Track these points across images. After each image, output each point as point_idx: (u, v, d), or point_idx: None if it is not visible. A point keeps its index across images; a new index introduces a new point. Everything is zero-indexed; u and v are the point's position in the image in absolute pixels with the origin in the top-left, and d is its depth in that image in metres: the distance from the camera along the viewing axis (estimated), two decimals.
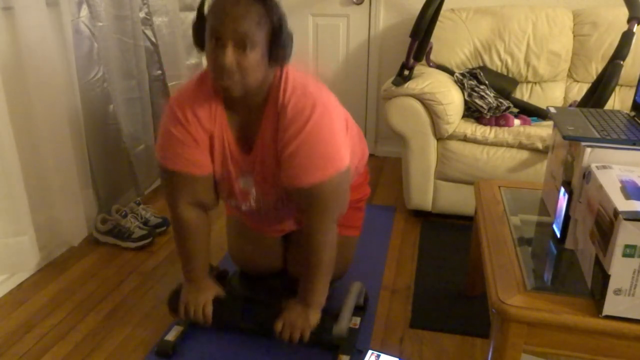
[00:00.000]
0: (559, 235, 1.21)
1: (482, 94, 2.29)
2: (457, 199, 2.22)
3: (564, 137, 1.17)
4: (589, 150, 1.10)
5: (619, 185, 0.98)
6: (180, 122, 1.31)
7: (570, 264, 1.14)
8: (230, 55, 1.15)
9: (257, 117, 1.32)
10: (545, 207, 1.41)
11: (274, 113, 1.29)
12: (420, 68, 2.41)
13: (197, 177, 1.37)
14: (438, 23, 2.37)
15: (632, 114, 1.36)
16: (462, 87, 2.33)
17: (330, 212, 1.35)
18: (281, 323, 1.42)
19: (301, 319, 1.41)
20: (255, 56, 1.17)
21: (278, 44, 1.20)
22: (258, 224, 1.60)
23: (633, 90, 2.42)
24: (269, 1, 1.17)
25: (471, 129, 2.16)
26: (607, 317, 0.95)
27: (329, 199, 1.32)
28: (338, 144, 1.30)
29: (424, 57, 2.39)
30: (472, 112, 2.32)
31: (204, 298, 1.48)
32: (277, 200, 1.43)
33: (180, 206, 1.42)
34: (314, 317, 1.43)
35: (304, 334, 1.41)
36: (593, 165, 1.08)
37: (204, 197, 1.42)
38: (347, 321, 1.45)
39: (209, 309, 1.47)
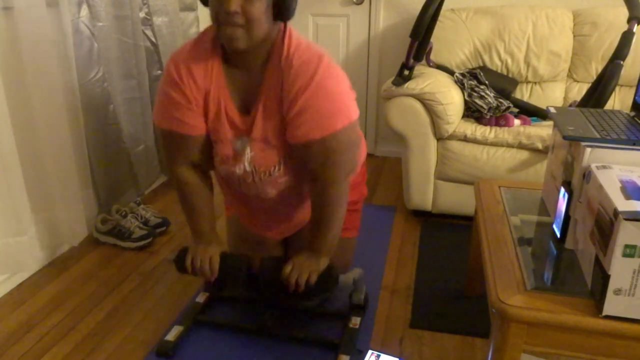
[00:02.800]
0: (559, 235, 1.21)
1: (482, 94, 2.29)
2: (457, 199, 2.22)
3: (564, 137, 1.17)
4: (589, 150, 1.10)
5: (619, 185, 0.98)
6: (175, 81, 1.29)
7: (570, 264, 1.13)
8: (235, 1, 1.14)
9: (259, 74, 1.30)
10: (545, 207, 1.41)
11: (277, 69, 1.27)
12: (420, 68, 2.42)
13: (191, 137, 1.35)
14: (438, 23, 2.37)
15: (632, 114, 1.36)
16: (462, 87, 2.33)
17: (343, 165, 1.33)
18: (290, 265, 1.41)
19: (310, 262, 1.41)
20: (261, 5, 1.16)
21: None
22: (254, 206, 1.57)
23: (633, 90, 2.42)
24: None
25: (471, 129, 2.16)
26: (607, 317, 0.95)
27: (342, 151, 1.30)
28: (347, 94, 1.29)
29: (424, 57, 2.39)
30: (472, 112, 2.32)
31: (211, 251, 1.46)
32: (276, 162, 1.38)
33: (178, 167, 1.42)
34: (323, 262, 1.43)
35: (311, 276, 1.39)
36: (593, 165, 1.08)
37: (198, 157, 1.41)
38: (353, 275, 1.44)
39: (216, 261, 1.45)
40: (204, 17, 2.88)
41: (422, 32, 2.13)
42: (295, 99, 1.24)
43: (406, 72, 2.22)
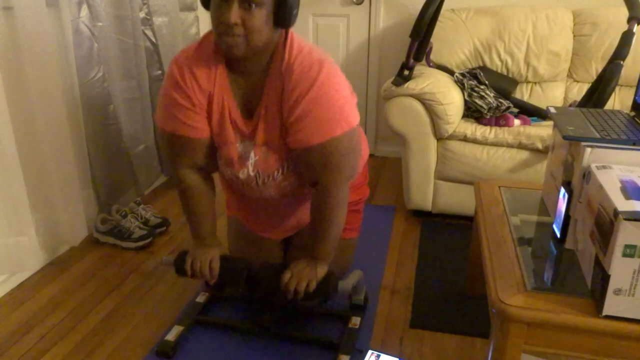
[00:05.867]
0: (559, 235, 1.21)
1: (482, 94, 2.29)
2: (457, 199, 2.22)
3: (564, 137, 1.17)
4: (589, 150, 1.11)
5: (619, 185, 0.98)
6: (179, 84, 1.29)
7: (570, 264, 1.14)
8: (235, 12, 1.14)
9: (261, 79, 1.30)
10: (545, 207, 1.41)
11: (278, 74, 1.27)
12: (420, 68, 2.41)
13: (195, 140, 1.35)
14: (438, 23, 2.37)
15: (632, 114, 1.36)
16: (462, 87, 2.33)
17: (343, 170, 1.33)
18: (288, 274, 1.41)
19: (308, 270, 1.40)
20: (261, 15, 1.16)
21: (285, 4, 1.18)
22: (256, 207, 1.57)
23: (633, 90, 2.42)
24: None
25: (471, 129, 2.16)
26: (607, 317, 0.95)
27: (342, 156, 1.30)
28: (348, 100, 1.29)
29: (424, 57, 2.39)
30: (472, 112, 2.32)
31: (211, 254, 1.46)
32: (278, 167, 1.38)
33: (180, 169, 1.41)
34: (322, 269, 1.42)
35: (310, 284, 1.39)
36: (593, 165, 1.08)
37: (202, 160, 1.41)
38: (352, 281, 1.44)
39: (216, 264, 1.45)
40: (204, 17, 2.88)
41: (422, 32, 2.13)
42: (296, 105, 1.24)
43: (406, 72, 2.21)
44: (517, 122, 2.21)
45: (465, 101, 2.31)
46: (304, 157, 1.31)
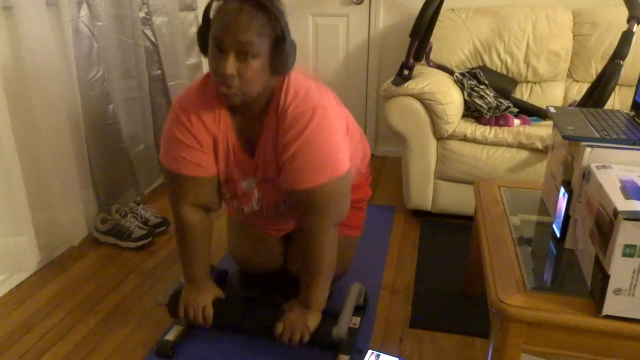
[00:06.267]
0: (559, 235, 1.21)
1: (482, 94, 2.29)
2: (457, 199, 2.22)
3: (564, 137, 1.17)
4: (589, 150, 1.10)
5: (619, 185, 0.98)
6: (185, 125, 1.32)
7: (570, 264, 1.13)
8: (231, 65, 1.16)
9: (259, 121, 1.33)
10: (545, 207, 1.41)
11: (275, 117, 1.30)
12: (420, 68, 2.41)
13: (201, 179, 1.37)
14: (438, 23, 2.36)
15: (632, 114, 1.36)
16: (462, 87, 2.33)
17: (329, 216, 1.34)
18: (282, 325, 1.42)
19: (301, 322, 1.41)
20: (257, 66, 1.18)
21: (281, 54, 1.20)
22: (260, 224, 1.61)
23: (633, 90, 2.42)
24: (273, 11, 1.17)
25: (471, 129, 2.16)
26: (607, 317, 0.95)
27: (328, 203, 1.32)
28: (338, 149, 1.31)
29: (424, 57, 2.39)
30: (472, 112, 2.32)
31: (204, 300, 1.48)
32: (280, 202, 1.43)
33: (183, 208, 1.43)
34: (314, 319, 1.43)
35: (303, 336, 1.41)
36: (593, 165, 1.08)
37: (207, 199, 1.43)
38: (346, 324, 1.45)
39: (210, 311, 1.47)
40: None
41: (422, 32, 2.13)
42: (287, 148, 1.28)
43: (406, 72, 2.21)
44: (517, 122, 2.21)
45: (465, 101, 2.31)
46: (292, 198, 1.35)
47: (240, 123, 1.35)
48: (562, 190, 1.20)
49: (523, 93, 2.56)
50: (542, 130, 2.09)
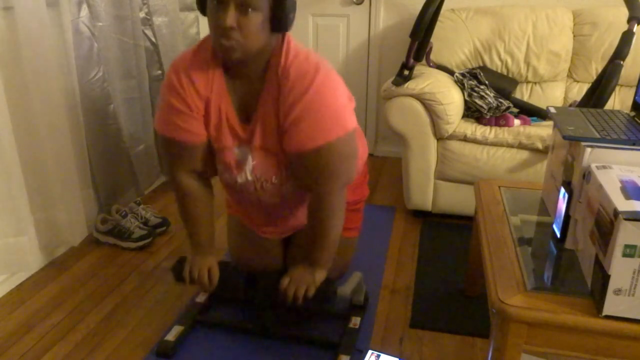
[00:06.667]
0: (559, 235, 1.21)
1: (482, 94, 2.29)
2: (457, 199, 2.22)
3: (564, 137, 1.17)
4: (589, 150, 1.11)
5: (619, 185, 0.98)
6: (176, 89, 1.29)
7: (570, 264, 1.14)
8: (231, 16, 1.14)
9: (258, 83, 1.30)
10: (545, 207, 1.41)
11: (275, 78, 1.27)
12: (420, 68, 2.42)
13: (192, 145, 1.35)
14: (438, 23, 2.37)
15: (632, 114, 1.36)
16: (462, 87, 2.33)
17: (340, 176, 1.32)
18: (287, 279, 1.41)
19: (307, 275, 1.40)
20: (257, 19, 1.16)
21: (281, 9, 1.18)
22: (258, 220, 1.59)
23: (633, 90, 2.42)
24: None
25: (471, 129, 2.16)
26: (607, 317, 0.95)
27: (338, 162, 1.30)
28: (343, 106, 1.29)
29: (424, 57, 2.39)
30: (472, 112, 2.32)
31: (210, 261, 1.46)
32: (274, 172, 1.38)
33: (179, 174, 1.41)
34: (320, 274, 1.42)
35: (309, 290, 1.39)
36: (593, 165, 1.08)
37: (200, 165, 1.41)
38: (351, 286, 1.44)
39: (215, 271, 1.45)
40: (203, 17, 2.87)
41: (422, 32, 2.13)
42: (291, 109, 1.25)
43: (406, 72, 2.22)
44: (517, 122, 2.21)
45: (465, 101, 2.31)
46: (299, 162, 1.31)
47: (236, 88, 1.32)
48: (562, 190, 1.20)
49: (523, 93, 2.56)
50: (542, 130, 2.09)
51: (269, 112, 1.29)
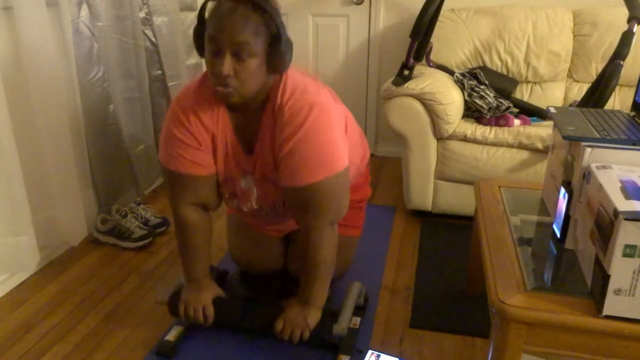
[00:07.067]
0: (559, 235, 1.21)
1: (482, 94, 2.29)
2: (457, 199, 2.22)
3: (564, 137, 1.17)
4: (589, 150, 1.11)
5: (619, 185, 0.98)
6: (183, 123, 1.32)
7: (570, 264, 1.13)
8: (227, 64, 1.16)
9: (257, 119, 1.32)
10: (545, 207, 1.41)
11: (272, 115, 1.30)
12: (420, 68, 2.41)
13: (200, 177, 1.37)
14: (438, 23, 2.37)
15: (632, 114, 1.36)
16: (462, 87, 2.33)
17: (327, 213, 1.34)
18: (281, 322, 1.42)
19: (301, 318, 1.41)
20: (253, 65, 1.18)
21: (277, 52, 1.20)
22: (259, 224, 1.60)
23: (633, 90, 2.42)
24: (268, 9, 1.17)
25: (471, 129, 2.16)
26: (607, 317, 0.95)
27: (326, 200, 1.32)
28: (335, 145, 1.30)
29: (424, 57, 2.39)
30: (472, 112, 2.32)
31: (205, 298, 1.48)
32: (278, 201, 1.43)
33: (182, 207, 1.43)
34: (314, 316, 1.43)
35: (303, 333, 1.41)
36: (593, 165, 1.08)
37: (206, 197, 1.43)
38: (347, 321, 1.45)
39: (210, 310, 1.47)
40: None
41: (422, 32, 2.13)
42: (283, 145, 1.27)
43: (406, 72, 2.21)
44: (517, 122, 2.21)
45: (465, 101, 2.31)
46: (289, 195, 1.34)
47: (238, 121, 1.35)
48: (562, 190, 1.20)
49: (523, 93, 2.56)
50: (542, 130, 2.09)
51: (266, 145, 1.33)
